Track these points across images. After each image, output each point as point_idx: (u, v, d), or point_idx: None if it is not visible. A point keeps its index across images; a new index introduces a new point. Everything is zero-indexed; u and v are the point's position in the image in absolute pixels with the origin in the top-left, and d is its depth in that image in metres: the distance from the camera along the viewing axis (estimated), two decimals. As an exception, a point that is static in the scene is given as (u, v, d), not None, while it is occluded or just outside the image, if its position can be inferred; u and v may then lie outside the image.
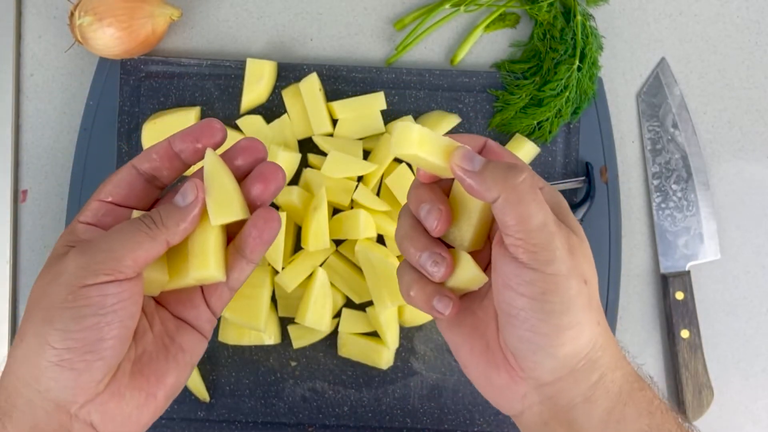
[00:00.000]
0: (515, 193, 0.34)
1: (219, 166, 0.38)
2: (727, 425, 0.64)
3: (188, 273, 0.38)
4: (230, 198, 0.37)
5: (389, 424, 0.61)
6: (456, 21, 0.65)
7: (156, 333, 0.39)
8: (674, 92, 0.65)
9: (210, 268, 0.37)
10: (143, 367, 0.37)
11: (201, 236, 0.38)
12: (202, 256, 0.37)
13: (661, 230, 0.64)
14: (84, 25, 0.57)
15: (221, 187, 0.37)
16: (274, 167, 0.39)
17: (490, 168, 0.35)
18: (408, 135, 0.35)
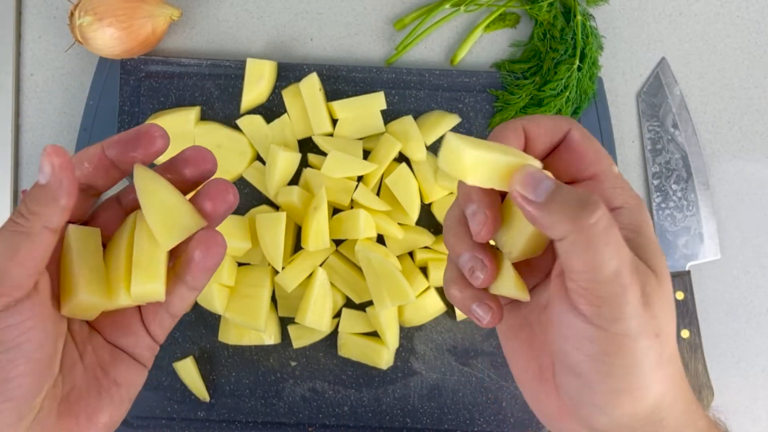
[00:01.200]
0: (585, 235, 0.28)
1: (152, 180, 0.33)
2: (727, 425, 0.64)
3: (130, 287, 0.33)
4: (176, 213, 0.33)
5: (389, 424, 0.61)
6: (456, 21, 0.65)
7: (87, 365, 0.34)
8: (674, 92, 0.65)
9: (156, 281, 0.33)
10: (72, 406, 0.33)
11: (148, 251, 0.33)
12: (147, 269, 0.33)
13: (661, 230, 0.64)
14: (84, 25, 0.57)
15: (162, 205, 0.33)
16: (223, 184, 0.35)
17: (558, 200, 0.29)
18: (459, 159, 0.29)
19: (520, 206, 0.30)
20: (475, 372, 0.61)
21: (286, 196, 0.58)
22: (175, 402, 0.61)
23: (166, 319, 0.36)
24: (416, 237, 0.60)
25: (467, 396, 0.61)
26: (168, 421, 0.61)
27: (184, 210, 0.33)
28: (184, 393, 0.61)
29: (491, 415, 0.61)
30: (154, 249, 0.33)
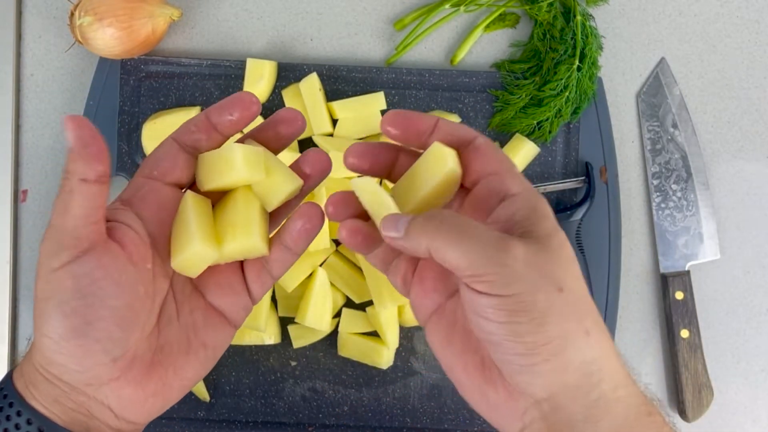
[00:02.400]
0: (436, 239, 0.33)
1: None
2: (727, 425, 0.64)
3: (232, 241, 0.37)
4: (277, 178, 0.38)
5: (389, 424, 0.61)
6: (456, 21, 0.65)
7: (182, 324, 0.38)
8: (674, 92, 0.65)
9: (253, 237, 0.37)
10: (164, 358, 0.37)
11: (243, 210, 0.38)
12: (245, 226, 0.37)
13: (661, 230, 0.64)
14: (84, 25, 0.57)
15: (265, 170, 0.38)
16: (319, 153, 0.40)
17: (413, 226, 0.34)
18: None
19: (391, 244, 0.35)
20: (475, 372, 0.61)
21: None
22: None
23: (268, 279, 0.40)
24: (416, 237, 0.60)
25: (467, 396, 0.61)
26: (168, 421, 0.61)
27: (283, 173, 0.38)
28: (184, 393, 0.61)
29: (491, 415, 0.61)
30: (255, 208, 0.38)
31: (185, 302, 0.38)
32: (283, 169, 0.38)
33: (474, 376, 0.36)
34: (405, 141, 0.38)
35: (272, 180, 0.38)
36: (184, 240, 0.37)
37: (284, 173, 0.38)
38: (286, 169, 0.38)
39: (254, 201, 0.38)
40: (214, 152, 0.38)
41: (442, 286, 0.38)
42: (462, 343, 0.37)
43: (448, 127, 0.38)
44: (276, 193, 0.38)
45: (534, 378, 0.33)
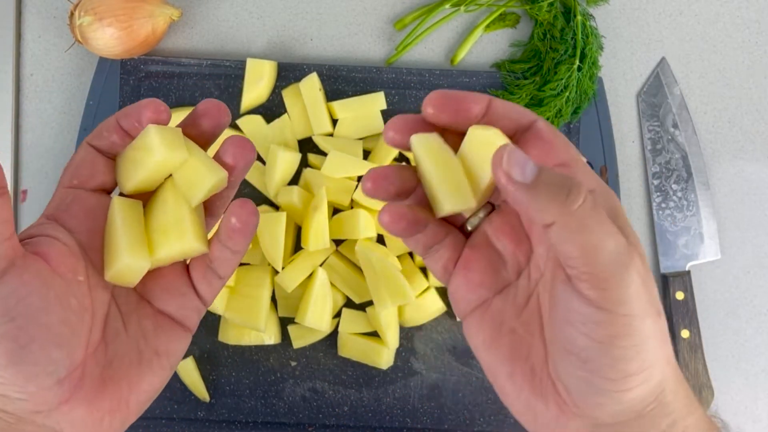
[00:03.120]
0: (575, 217, 0.28)
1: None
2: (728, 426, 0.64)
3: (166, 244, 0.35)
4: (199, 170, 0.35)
5: (389, 424, 0.61)
6: (456, 21, 0.65)
7: (131, 334, 0.35)
8: (674, 92, 0.65)
9: (187, 237, 0.35)
10: (115, 373, 0.34)
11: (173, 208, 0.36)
12: (176, 227, 0.35)
13: (661, 230, 0.64)
14: (84, 25, 0.57)
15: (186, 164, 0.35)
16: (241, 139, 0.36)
17: (545, 182, 0.28)
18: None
19: (506, 189, 0.29)
20: (475, 372, 0.61)
21: (286, 196, 0.58)
22: (175, 402, 0.61)
23: (215, 279, 0.37)
24: (416, 237, 0.60)
25: (467, 396, 0.61)
26: (168, 421, 0.61)
27: (205, 165, 0.35)
28: (184, 393, 0.61)
29: (491, 415, 0.61)
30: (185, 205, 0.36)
31: (131, 312, 0.36)
32: (204, 160, 0.36)
33: (521, 386, 0.33)
34: (453, 125, 0.34)
35: (192, 173, 0.35)
36: (113, 252, 0.35)
37: (205, 164, 0.35)
38: (207, 160, 0.36)
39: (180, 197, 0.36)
40: (130, 145, 0.36)
41: (491, 281, 0.34)
42: (510, 347, 0.33)
43: (503, 108, 0.33)
44: (198, 186, 0.35)
45: (611, 404, 0.30)
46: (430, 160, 0.32)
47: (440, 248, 0.35)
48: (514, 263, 0.35)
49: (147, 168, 0.35)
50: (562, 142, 0.33)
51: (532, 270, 0.34)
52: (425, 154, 0.33)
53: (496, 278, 0.35)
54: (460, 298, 0.35)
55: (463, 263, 0.35)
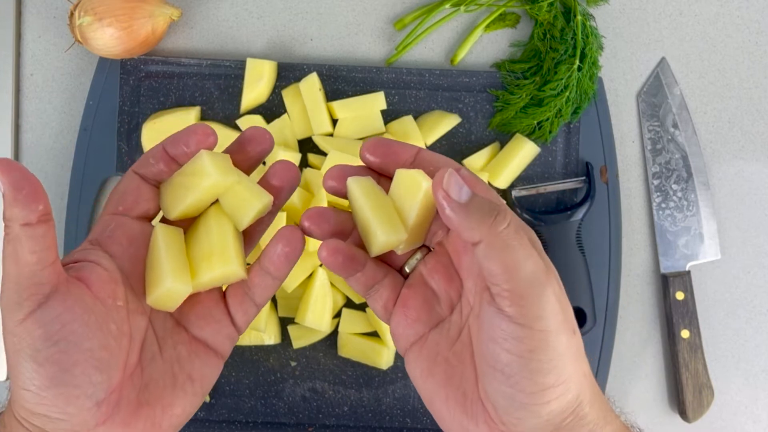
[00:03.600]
0: (500, 238, 0.32)
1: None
2: (727, 425, 0.64)
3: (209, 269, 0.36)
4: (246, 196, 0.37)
5: (389, 424, 0.61)
6: (456, 21, 0.65)
7: (166, 359, 0.37)
8: (674, 92, 0.65)
9: (231, 262, 0.36)
10: (150, 397, 0.36)
11: (217, 233, 0.37)
12: (221, 252, 0.36)
13: (661, 230, 0.64)
14: (84, 25, 0.57)
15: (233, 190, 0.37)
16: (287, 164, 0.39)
17: (476, 204, 0.32)
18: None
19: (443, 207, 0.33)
20: (475, 372, 0.61)
21: (286, 196, 0.58)
22: (175, 402, 0.61)
23: (251, 307, 0.39)
24: (416, 237, 0.60)
25: (467, 396, 0.61)
26: (168, 421, 0.61)
27: (251, 191, 0.37)
28: (184, 393, 0.61)
29: (491, 415, 0.61)
30: (228, 230, 0.37)
31: (167, 337, 0.37)
32: (251, 185, 0.37)
33: (454, 409, 0.35)
34: (384, 169, 0.38)
35: (241, 197, 0.37)
36: (156, 276, 0.36)
37: (252, 189, 0.37)
38: (254, 185, 0.37)
39: (226, 222, 0.37)
40: (179, 171, 0.37)
41: (426, 316, 0.37)
42: (444, 375, 0.36)
43: (430, 157, 0.37)
44: (246, 210, 0.37)
45: (530, 417, 0.33)
46: (364, 198, 0.36)
47: (380, 288, 0.38)
48: (447, 299, 0.38)
49: (198, 192, 0.36)
50: (483, 188, 0.36)
51: (463, 305, 0.37)
52: (360, 194, 0.36)
53: (431, 314, 0.37)
54: (400, 334, 0.38)
55: (401, 302, 0.38)
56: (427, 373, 0.36)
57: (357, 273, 0.37)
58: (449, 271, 0.38)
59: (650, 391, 0.64)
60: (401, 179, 0.36)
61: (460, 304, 0.37)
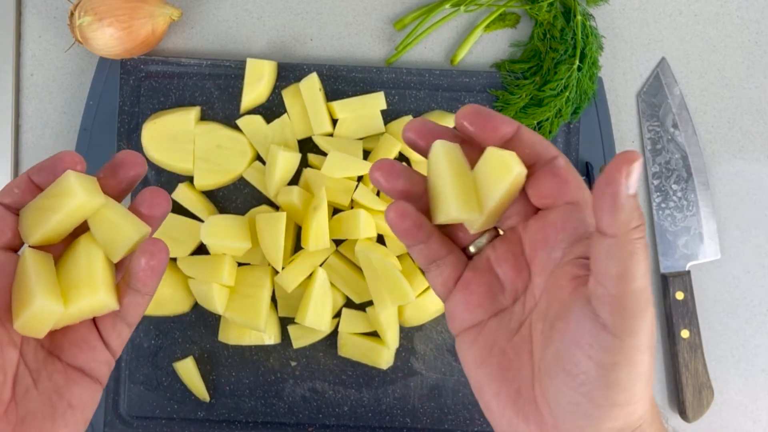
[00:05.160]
0: (633, 244, 0.29)
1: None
2: (727, 425, 0.64)
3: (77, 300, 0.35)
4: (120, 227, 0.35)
5: (389, 424, 0.61)
6: (456, 21, 0.65)
7: (42, 390, 0.35)
8: (674, 92, 0.65)
9: (100, 294, 0.35)
10: (27, 429, 0.34)
11: (86, 263, 0.35)
12: (89, 283, 0.35)
13: (661, 230, 0.64)
14: (84, 25, 0.57)
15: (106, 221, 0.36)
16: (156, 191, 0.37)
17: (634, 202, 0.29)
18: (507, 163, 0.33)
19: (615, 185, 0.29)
20: (475, 372, 0.61)
21: (286, 196, 0.58)
22: (175, 402, 0.61)
23: (124, 328, 0.37)
24: (416, 237, 0.60)
25: (467, 396, 0.61)
26: (168, 421, 0.61)
27: (126, 221, 0.35)
28: (184, 393, 0.61)
29: (491, 415, 0.61)
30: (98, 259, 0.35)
31: (41, 369, 0.36)
32: (126, 214, 0.36)
33: (505, 405, 0.34)
34: (478, 139, 0.35)
35: (116, 227, 0.35)
36: (25, 298, 0.34)
37: (128, 218, 0.36)
38: (129, 216, 0.36)
39: (97, 252, 0.36)
40: (41, 194, 0.35)
41: (488, 304, 0.36)
42: (499, 368, 0.34)
43: (529, 137, 0.35)
44: (122, 242, 0.35)
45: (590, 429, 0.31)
46: (447, 166, 0.33)
47: (441, 265, 0.36)
48: (512, 290, 0.36)
49: (62, 214, 0.34)
50: (576, 182, 0.34)
51: (527, 298, 0.35)
52: (444, 160, 0.33)
53: (494, 302, 0.36)
54: (457, 316, 0.36)
55: (464, 284, 0.36)
56: (481, 362, 0.35)
57: (420, 244, 0.36)
58: (519, 262, 0.36)
59: (650, 391, 0.64)
60: (491, 158, 0.34)
61: (525, 296, 0.35)
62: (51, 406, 0.35)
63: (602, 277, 0.30)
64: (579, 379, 0.31)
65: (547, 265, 0.34)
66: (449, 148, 0.34)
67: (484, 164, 0.34)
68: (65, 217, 0.35)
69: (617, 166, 0.29)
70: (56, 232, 0.36)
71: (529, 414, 0.33)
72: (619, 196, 0.29)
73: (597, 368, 0.30)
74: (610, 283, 0.30)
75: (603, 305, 0.30)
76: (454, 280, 0.36)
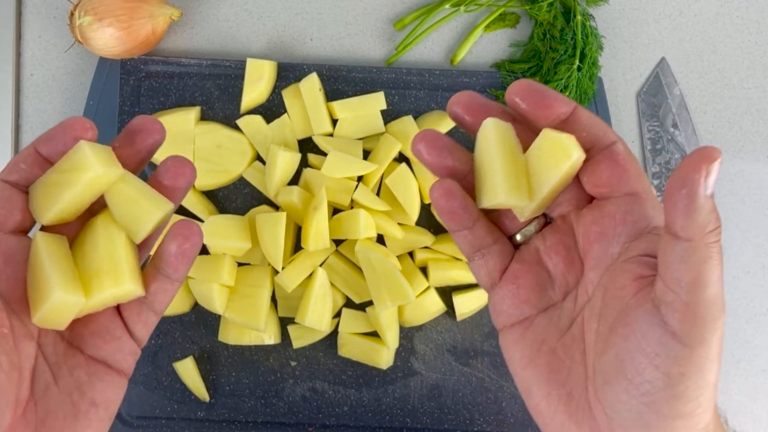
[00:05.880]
0: (707, 249, 0.27)
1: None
2: (727, 425, 0.64)
3: (99, 290, 0.32)
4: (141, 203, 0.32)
5: (389, 424, 0.61)
6: (456, 21, 0.65)
7: (62, 388, 0.32)
8: (674, 92, 0.65)
9: (125, 282, 0.32)
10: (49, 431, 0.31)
11: (106, 246, 0.32)
12: (112, 270, 0.32)
13: (661, 230, 0.64)
14: (84, 25, 0.57)
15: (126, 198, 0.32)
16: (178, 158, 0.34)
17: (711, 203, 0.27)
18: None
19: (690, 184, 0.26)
20: (475, 372, 0.61)
21: (286, 196, 0.58)
22: (175, 402, 0.61)
23: (151, 316, 0.35)
24: (416, 237, 0.60)
25: (467, 396, 0.61)
26: (168, 421, 0.61)
27: (147, 198, 0.32)
28: (184, 393, 0.61)
29: (491, 415, 0.61)
30: (120, 243, 0.32)
31: (61, 363, 0.33)
32: (149, 192, 0.32)
33: (557, 408, 0.32)
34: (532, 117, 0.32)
35: (137, 204, 0.32)
36: (41, 290, 0.31)
37: (150, 195, 0.32)
38: (151, 192, 0.33)
39: (118, 233, 0.33)
40: (52, 168, 0.32)
41: (537, 299, 0.34)
42: (548, 367, 0.32)
43: (587, 119, 0.32)
44: (144, 220, 0.32)
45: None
46: (498, 147, 0.31)
47: (487, 254, 0.34)
48: (562, 284, 0.34)
49: (77, 188, 0.31)
50: (636, 171, 0.32)
51: (579, 293, 0.33)
52: (495, 140, 0.31)
53: (542, 297, 0.34)
54: (503, 311, 0.34)
55: (511, 277, 0.34)
56: (528, 361, 0.33)
57: (465, 230, 0.33)
58: (571, 254, 0.33)
59: (650, 391, 0.64)
60: (547, 141, 0.31)
61: (576, 291, 0.33)
62: (72, 404, 0.32)
63: (673, 283, 0.28)
64: (643, 388, 0.29)
65: (603, 260, 0.32)
66: (501, 126, 0.32)
67: (539, 147, 0.32)
68: (80, 193, 0.31)
69: (694, 164, 0.26)
70: (71, 210, 0.33)
71: (583, 419, 0.31)
72: (696, 196, 0.26)
73: (663, 378, 0.28)
74: (682, 290, 0.28)
75: (673, 312, 0.28)
76: (500, 271, 0.34)
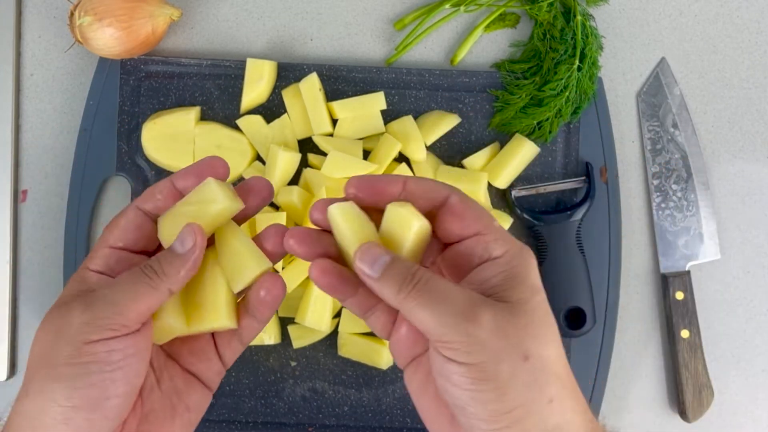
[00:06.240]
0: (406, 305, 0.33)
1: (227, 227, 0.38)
2: (727, 425, 0.64)
3: (199, 322, 0.37)
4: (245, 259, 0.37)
5: (389, 424, 0.61)
6: (456, 21, 0.65)
7: (164, 390, 0.38)
8: (674, 92, 0.65)
9: (222, 318, 0.37)
10: (150, 427, 0.36)
11: (211, 288, 0.37)
12: (214, 306, 0.37)
13: (661, 230, 0.64)
14: (84, 25, 0.57)
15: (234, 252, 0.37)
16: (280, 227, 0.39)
17: (389, 275, 0.34)
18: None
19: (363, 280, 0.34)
20: (475, 372, 0.61)
21: (286, 196, 0.58)
22: (175, 402, 0.61)
23: (238, 346, 0.40)
24: (416, 237, 0.60)
25: (467, 396, 0.61)
26: (168, 421, 0.61)
27: (251, 255, 0.37)
28: (184, 393, 0.61)
29: (491, 415, 0.61)
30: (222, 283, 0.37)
31: (163, 370, 0.38)
32: (252, 249, 0.37)
33: (445, 428, 0.36)
34: (374, 205, 0.37)
35: (241, 258, 0.37)
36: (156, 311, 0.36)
37: (253, 253, 0.37)
38: (254, 249, 0.37)
39: (222, 281, 0.37)
40: (181, 201, 0.37)
41: (423, 339, 0.37)
42: (435, 394, 0.36)
43: (417, 187, 0.36)
44: (244, 274, 0.37)
45: None
46: (346, 224, 0.35)
47: (377, 311, 0.38)
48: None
49: (206, 218, 0.36)
50: (474, 214, 0.36)
51: None
52: (342, 220, 0.35)
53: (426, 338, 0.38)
54: (400, 354, 0.38)
55: (399, 326, 0.38)
56: (422, 392, 0.37)
57: (350, 298, 0.37)
58: None
59: (650, 391, 0.64)
60: (391, 215, 0.36)
61: None
62: (171, 406, 0.37)
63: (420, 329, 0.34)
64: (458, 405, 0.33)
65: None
66: (344, 207, 0.36)
67: (387, 220, 0.36)
68: (208, 222, 0.36)
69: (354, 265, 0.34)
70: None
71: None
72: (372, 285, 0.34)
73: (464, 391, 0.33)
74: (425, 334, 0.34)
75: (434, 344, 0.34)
76: (391, 322, 0.38)
